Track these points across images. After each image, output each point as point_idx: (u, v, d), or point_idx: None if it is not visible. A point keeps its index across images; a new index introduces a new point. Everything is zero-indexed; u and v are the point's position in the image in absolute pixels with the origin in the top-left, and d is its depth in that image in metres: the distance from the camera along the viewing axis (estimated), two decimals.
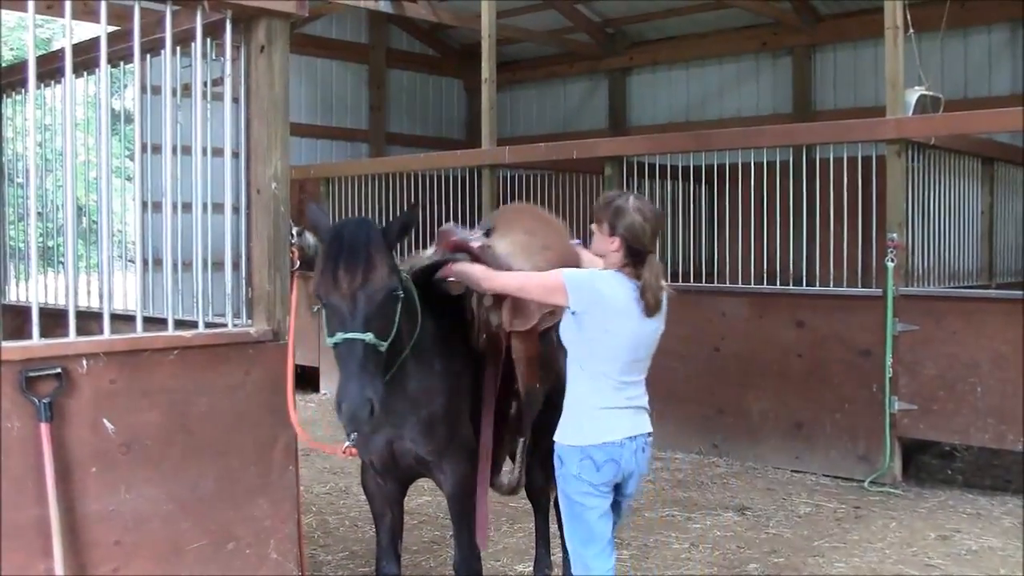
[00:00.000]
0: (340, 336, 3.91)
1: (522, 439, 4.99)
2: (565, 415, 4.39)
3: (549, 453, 5.64)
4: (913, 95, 8.89)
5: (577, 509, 4.34)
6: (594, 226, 4.44)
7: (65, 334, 4.19)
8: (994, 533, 7.22)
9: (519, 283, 4.47)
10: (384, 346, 3.95)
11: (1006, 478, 8.84)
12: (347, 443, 4.23)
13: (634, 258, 4.31)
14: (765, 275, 9.94)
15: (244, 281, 4.82)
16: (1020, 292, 8.78)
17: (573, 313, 4.28)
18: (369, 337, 3.88)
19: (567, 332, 4.37)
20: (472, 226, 5.15)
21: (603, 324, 4.25)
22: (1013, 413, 7.95)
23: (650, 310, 4.30)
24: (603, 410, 4.31)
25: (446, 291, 4.78)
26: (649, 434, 4.43)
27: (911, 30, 8.89)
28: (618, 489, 4.41)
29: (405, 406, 4.47)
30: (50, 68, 5.75)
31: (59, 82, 5.84)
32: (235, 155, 4.85)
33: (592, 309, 4.24)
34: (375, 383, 3.86)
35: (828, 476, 8.84)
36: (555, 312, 5.27)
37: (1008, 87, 12.65)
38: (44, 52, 6.73)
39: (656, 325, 4.40)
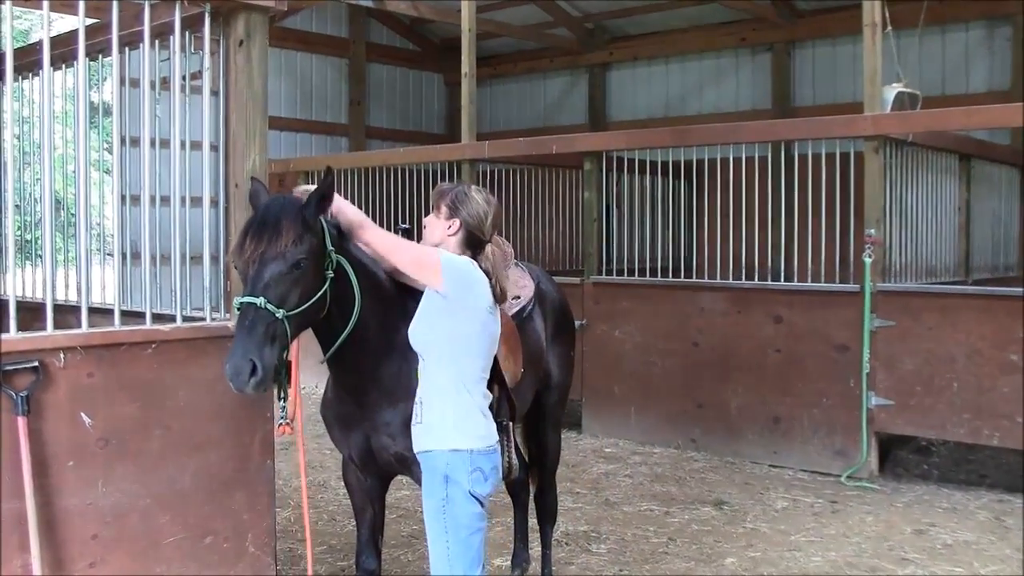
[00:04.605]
0: (237, 300, 3.90)
1: (503, 422, 4.95)
2: (435, 417, 4.14)
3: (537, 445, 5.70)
4: (891, 92, 8.94)
5: (465, 534, 4.08)
6: (430, 216, 4.32)
7: (43, 328, 4.18)
8: (969, 527, 7.28)
9: (392, 243, 4.20)
10: (281, 314, 3.87)
11: (981, 473, 8.91)
12: (280, 421, 4.22)
13: (472, 247, 4.24)
14: (744, 270, 9.98)
15: (222, 275, 4.82)
16: (996, 289, 8.85)
17: (444, 298, 4.10)
18: (261, 302, 3.82)
19: (433, 317, 4.16)
20: None
21: (476, 314, 4.14)
22: (988, 408, 8.02)
23: (499, 301, 4.26)
24: (479, 410, 4.18)
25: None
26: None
27: (889, 27, 8.94)
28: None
29: (382, 399, 4.45)
30: (28, 60, 5.73)
31: (37, 75, 5.81)
32: (213, 149, 4.84)
33: (466, 296, 4.11)
34: (264, 348, 3.80)
35: (805, 471, 8.88)
36: (521, 295, 5.28)
37: (985, 84, 12.76)
38: (22, 44, 6.69)
39: (499, 321, 4.32)
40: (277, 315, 3.86)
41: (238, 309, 3.88)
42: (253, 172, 4.69)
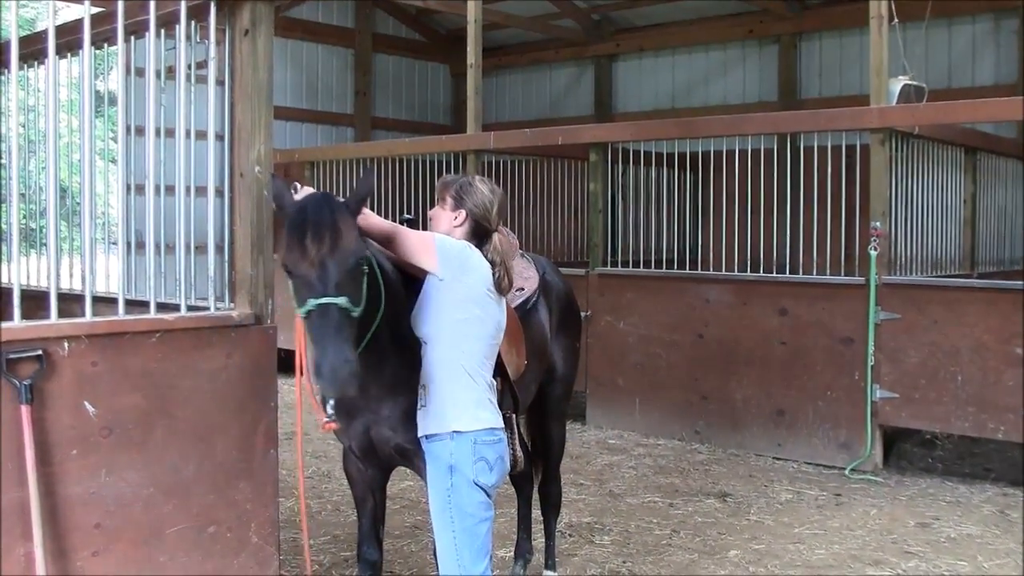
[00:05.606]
0: (312, 303, 3.81)
1: (506, 415, 4.93)
2: (437, 400, 4.20)
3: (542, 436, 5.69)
4: (897, 84, 8.91)
5: (471, 523, 4.12)
6: (436, 208, 4.39)
7: (47, 316, 4.18)
8: (973, 521, 7.28)
9: (392, 231, 4.26)
10: (357, 312, 3.86)
11: (986, 466, 8.91)
12: (326, 418, 4.18)
13: (479, 237, 4.28)
14: (749, 262, 9.97)
15: (227, 264, 4.81)
16: (1002, 282, 8.84)
17: (441, 280, 4.14)
18: (343, 301, 3.79)
19: (434, 301, 4.19)
20: None
21: (474, 296, 4.17)
22: (993, 401, 8.01)
23: (503, 291, 4.29)
24: (482, 394, 4.22)
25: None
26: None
27: (896, 20, 8.92)
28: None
29: (383, 392, 4.44)
30: (34, 49, 5.72)
31: (43, 63, 5.81)
32: (219, 138, 4.83)
33: (463, 279, 4.15)
34: (351, 346, 3.79)
35: (809, 463, 8.88)
36: (525, 287, 5.28)
37: (991, 77, 12.74)
38: (28, 33, 6.68)
39: (503, 310, 4.35)
40: (354, 313, 3.86)
41: (308, 312, 3.82)
42: (258, 162, 4.68)
